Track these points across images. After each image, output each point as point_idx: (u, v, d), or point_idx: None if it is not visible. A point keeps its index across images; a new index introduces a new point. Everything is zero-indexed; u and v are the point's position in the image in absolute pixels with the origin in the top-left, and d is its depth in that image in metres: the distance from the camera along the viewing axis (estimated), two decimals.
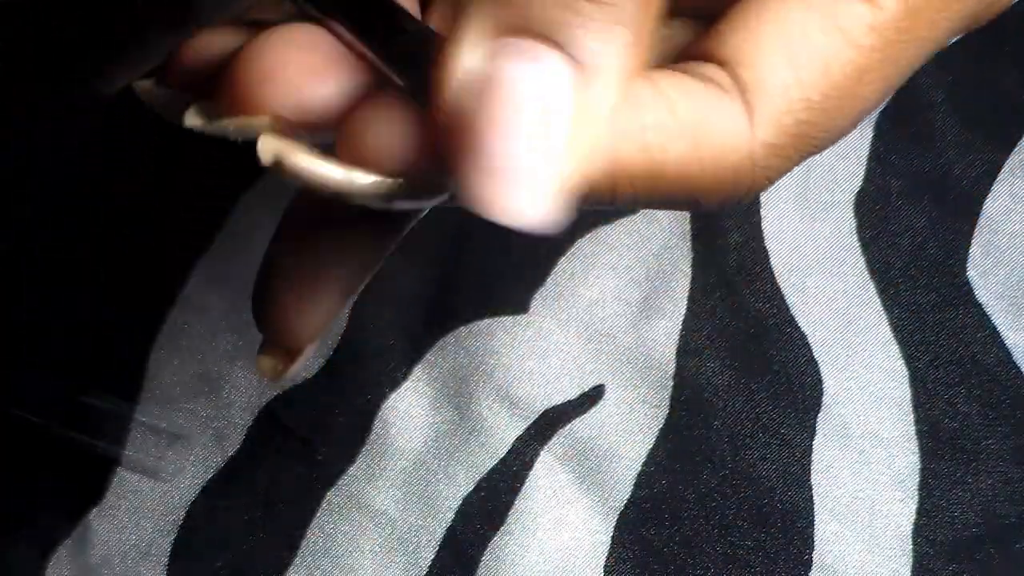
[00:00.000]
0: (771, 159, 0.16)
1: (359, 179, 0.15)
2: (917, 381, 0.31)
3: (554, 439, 0.30)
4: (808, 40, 0.16)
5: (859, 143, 0.32)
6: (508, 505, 0.30)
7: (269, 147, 0.15)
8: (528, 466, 0.30)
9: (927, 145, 0.32)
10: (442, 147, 0.14)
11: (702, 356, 0.31)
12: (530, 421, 0.30)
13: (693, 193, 0.16)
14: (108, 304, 0.30)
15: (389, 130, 0.15)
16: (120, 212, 0.30)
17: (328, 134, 0.16)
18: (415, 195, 0.15)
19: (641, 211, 0.31)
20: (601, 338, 0.31)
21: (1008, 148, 0.32)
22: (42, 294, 0.30)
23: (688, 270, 0.31)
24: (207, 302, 0.30)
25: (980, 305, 0.31)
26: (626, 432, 0.30)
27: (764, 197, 0.31)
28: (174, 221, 0.30)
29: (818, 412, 0.30)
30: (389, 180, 0.15)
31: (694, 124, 0.16)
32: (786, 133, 0.16)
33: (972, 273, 0.31)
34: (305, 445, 0.30)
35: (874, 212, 0.31)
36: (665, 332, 0.31)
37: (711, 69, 0.16)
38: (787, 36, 0.16)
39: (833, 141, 0.17)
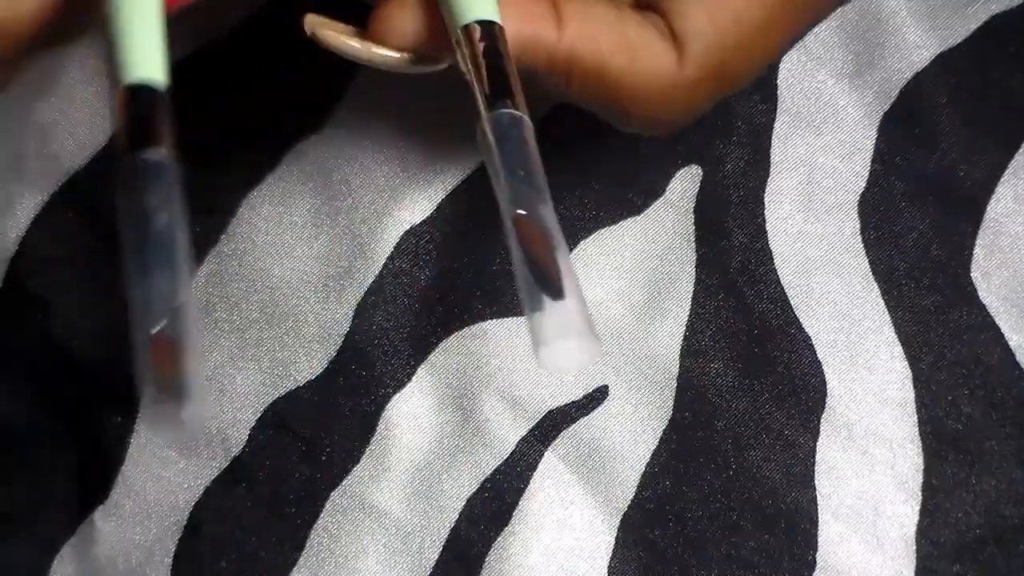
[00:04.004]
0: (695, 90, 0.23)
1: (378, 53, 0.22)
2: (920, 382, 0.31)
3: (558, 440, 0.30)
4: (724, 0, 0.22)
5: (863, 145, 0.32)
6: (512, 506, 0.30)
7: (311, 22, 0.22)
8: (532, 467, 0.30)
9: (931, 147, 0.32)
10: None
11: (706, 357, 0.31)
12: (534, 422, 0.30)
13: (623, 100, 0.22)
14: (108, 303, 0.30)
15: (401, 23, 0.22)
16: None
17: None
18: (418, 64, 0.22)
19: (645, 213, 0.31)
20: (605, 339, 0.31)
21: (1012, 150, 0.32)
22: (42, 291, 0.30)
23: (692, 271, 0.31)
24: (210, 301, 0.30)
25: (983, 306, 0.31)
26: (630, 433, 0.30)
27: (768, 198, 0.31)
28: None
29: (822, 413, 0.30)
30: (399, 54, 0.22)
31: (635, 46, 0.22)
32: (706, 69, 0.22)
33: (976, 274, 0.31)
34: (309, 446, 0.30)
35: (878, 214, 0.32)
36: (669, 333, 0.31)
37: (653, 17, 0.23)
38: None
39: (747, 81, 0.24)
